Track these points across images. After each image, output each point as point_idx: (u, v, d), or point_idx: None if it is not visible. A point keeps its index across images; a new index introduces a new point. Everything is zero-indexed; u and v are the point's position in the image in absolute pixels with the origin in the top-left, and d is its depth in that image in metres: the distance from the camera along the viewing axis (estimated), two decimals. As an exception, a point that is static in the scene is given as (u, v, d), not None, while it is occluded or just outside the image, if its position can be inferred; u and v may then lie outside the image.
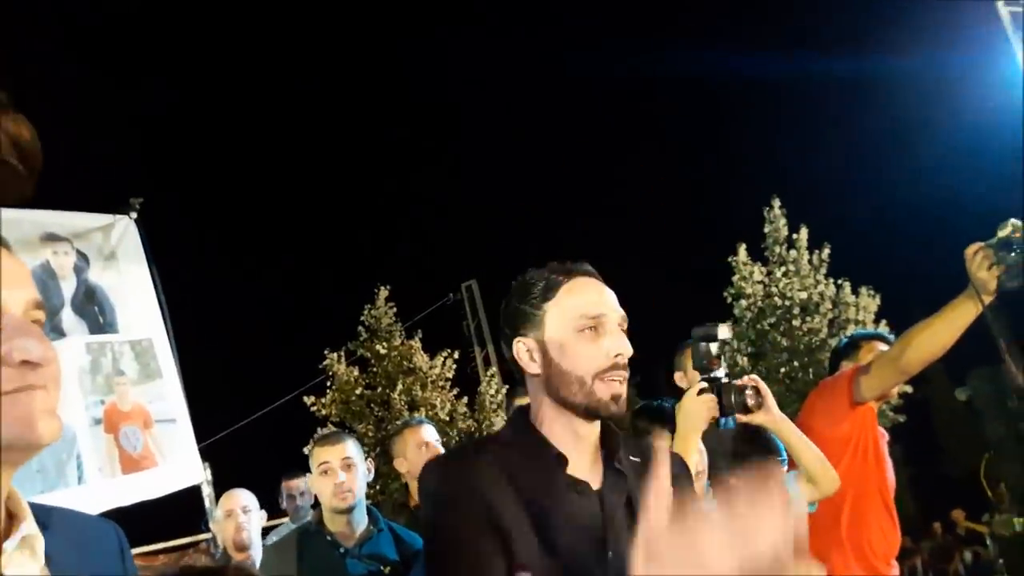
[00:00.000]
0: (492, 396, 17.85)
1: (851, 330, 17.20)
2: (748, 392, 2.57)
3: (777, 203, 17.71)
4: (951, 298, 2.99)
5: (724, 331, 2.68)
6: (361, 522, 3.32)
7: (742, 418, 2.61)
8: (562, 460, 1.65)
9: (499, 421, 17.45)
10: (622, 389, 1.66)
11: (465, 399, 17.74)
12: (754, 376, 2.68)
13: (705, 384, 2.57)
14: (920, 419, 22.85)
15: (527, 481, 1.62)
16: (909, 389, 17.58)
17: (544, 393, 1.70)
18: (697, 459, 2.54)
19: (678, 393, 3.06)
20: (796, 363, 17.32)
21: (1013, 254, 2.71)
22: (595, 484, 1.66)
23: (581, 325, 1.66)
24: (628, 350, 1.67)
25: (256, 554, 3.86)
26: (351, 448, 3.40)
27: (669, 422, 2.66)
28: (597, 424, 1.69)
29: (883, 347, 3.44)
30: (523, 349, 1.72)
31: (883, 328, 17.22)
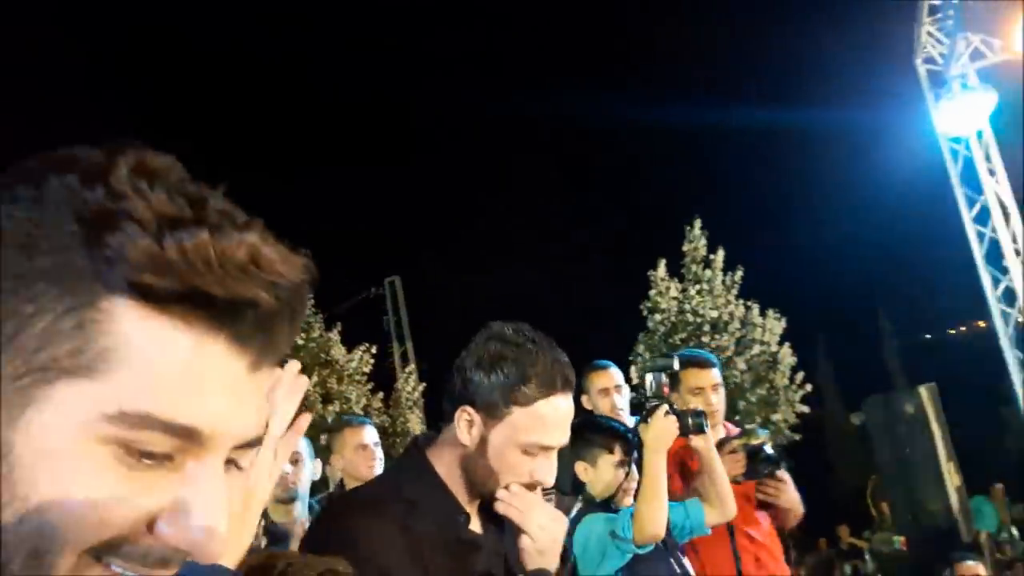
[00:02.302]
0: (409, 393, 17.95)
1: (756, 349, 17.95)
2: (703, 418, 2.95)
3: (698, 223, 18.31)
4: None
5: (677, 363, 3.11)
6: (302, 515, 3.52)
7: (692, 439, 2.98)
8: (467, 518, 1.74)
9: (414, 418, 17.57)
10: None
11: (381, 394, 17.80)
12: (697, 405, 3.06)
13: (666, 407, 2.90)
14: (814, 439, 23.86)
15: (432, 546, 1.67)
16: (806, 410, 18.42)
17: (459, 459, 1.74)
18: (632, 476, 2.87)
19: (583, 413, 3.47)
20: (702, 378, 17.91)
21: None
22: (484, 531, 1.78)
23: (529, 448, 1.68)
24: (550, 481, 1.71)
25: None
26: (300, 443, 3.56)
27: (618, 439, 2.94)
28: None
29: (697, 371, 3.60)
30: (465, 420, 1.72)
31: (785, 349, 18.01)
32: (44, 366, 0.52)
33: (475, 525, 1.76)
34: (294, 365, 1.25)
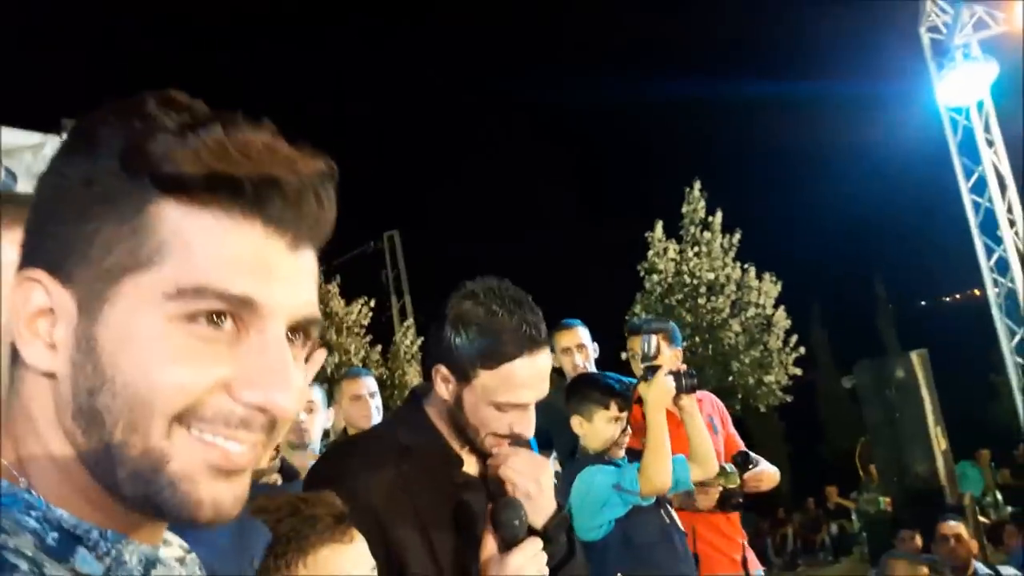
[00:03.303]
0: (407, 347, 18.07)
1: (751, 312, 18.09)
2: (695, 378, 3.12)
3: (698, 185, 18.32)
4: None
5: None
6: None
7: (682, 398, 3.16)
8: (459, 462, 1.79)
9: (412, 371, 17.73)
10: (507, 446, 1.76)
11: (379, 347, 17.91)
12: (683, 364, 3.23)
13: (665, 367, 3.09)
14: (805, 401, 24.12)
15: (424, 488, 1.72)
16: (799, 372, 18.62)
17: (446, 410, 1.78)
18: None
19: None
20: (697, 339, 18.06)
21: None
22: (480, 473, 1.82)
23: (501, 406, 1.70)
24: (529, 433, 1.74)
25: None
26: (315, 392, 3.72)
27: (614, 396, 3.08)
28: None
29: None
30: (440, 378, 1.75)
31: (780, 312, 18.15)
32: (110, 269, 0.63)
33: (470, 469, 1.81)
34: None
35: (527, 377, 1.69)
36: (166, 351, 0.62)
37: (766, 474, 3.65)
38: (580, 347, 3.98)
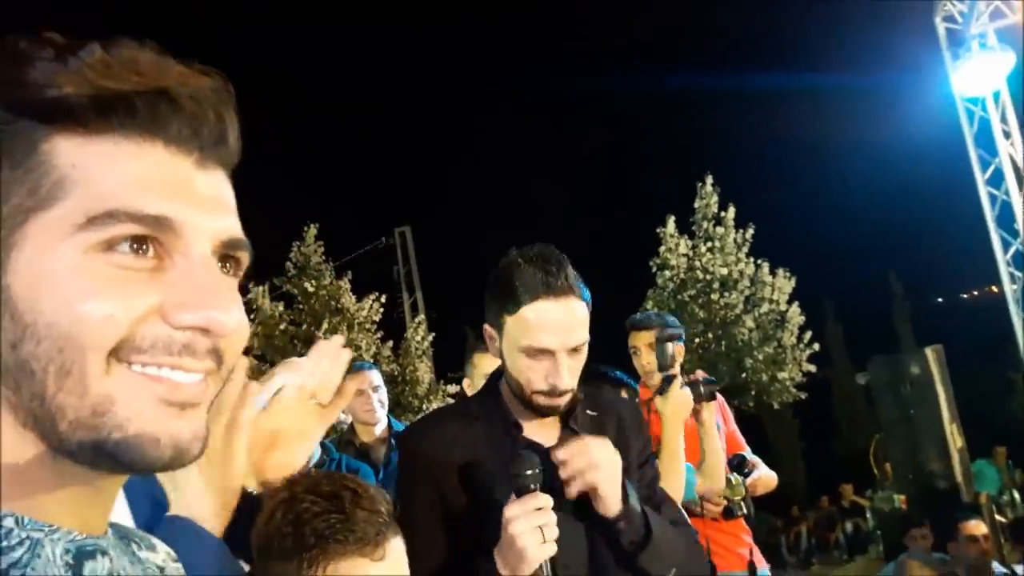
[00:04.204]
0: (418, 343, 18.06)
1: (764, 308, 17.96)
2: (715, 386, 3.05)
3: (710, 180, 18.20)
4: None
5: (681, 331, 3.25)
6: (316, 453, 3.60)
7: (702, 406, 3.09)
8: (517, 426, 1.84)
9: (423, 367, 17.71)
10: (560, 402, 1.79)
11: (391, 343, 17.91)
12: (701, 372, 3.15)
13: (680, 378, 3.01)
14: (820, 398, 23.98)
15: (484, 451, 1.80)
16: (813, 369, 18.48)
17: (505, 375, 1.87)
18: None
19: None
20: (710, 335, 17.98)
21: None
22: (551, 443, 1.83)
23: (527, 351, 1.76)
24: (563, 383, 1.76)
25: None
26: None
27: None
28: None
29: None
30: (488, 337, 1.88)
31: (794, 308, 18.02)
32: (11, 214, 0.58)
33: (535, 434, 1.84)
34: (338, 339, 1.34)
35: (543, 320, 1.73)
36: (87, 283, 0.58)
37: (762, 480, 3.59)
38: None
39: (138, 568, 0.70)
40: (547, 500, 1.62)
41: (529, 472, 1.62)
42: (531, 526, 1.59)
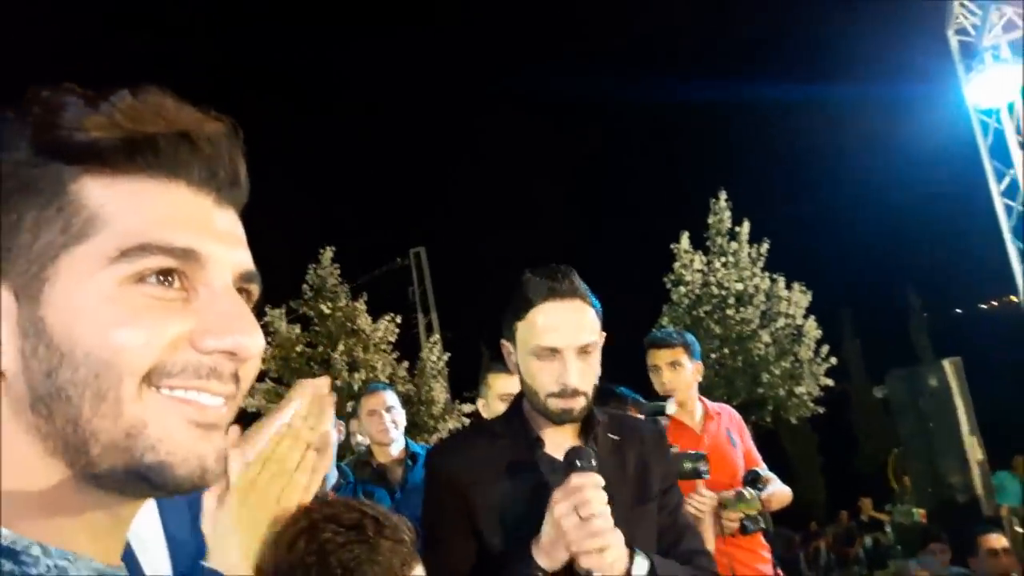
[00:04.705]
0: (433, 363, 18.07)
1: (780, 322, 17.89)
2: (703, 462, 3.04)
3: (723, 195, 18.20)
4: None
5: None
6: (331, 477, 3.64)
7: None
8: (539, 442, 1.90)
9: (438, 387, 17.73)
10: (573, 404, 1.83)
11: (406, 363, 17.94)
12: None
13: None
14: (838, 412, 23.80)
15: (508, 466, 1.87)
16: (830, 383, 18.37)
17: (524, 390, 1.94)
18: None
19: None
20: (726, 350, 17.90)
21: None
22: (560, 455, 1.85)
23: (537, 352, 1.84)
24: (575, 381, 1.82)
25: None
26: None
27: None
28: None
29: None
30: (505, 352, 1.96)
31: (810, 322, 17.94)
32: (43, 252, 0.62)
33: (556, 451, 1.85)
34: (324, 380, 1.36)
35: (550, 321, 1.82)
36: (121, 313, 0.61)
37: (776, 496, 3.59)
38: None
39: None
40: (592, 479, 1.65)
41: (579, 461, 1.67)
42: (570, 507, 1.62)
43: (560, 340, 1.82)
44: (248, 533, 1.16)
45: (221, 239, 0.67)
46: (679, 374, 3.68)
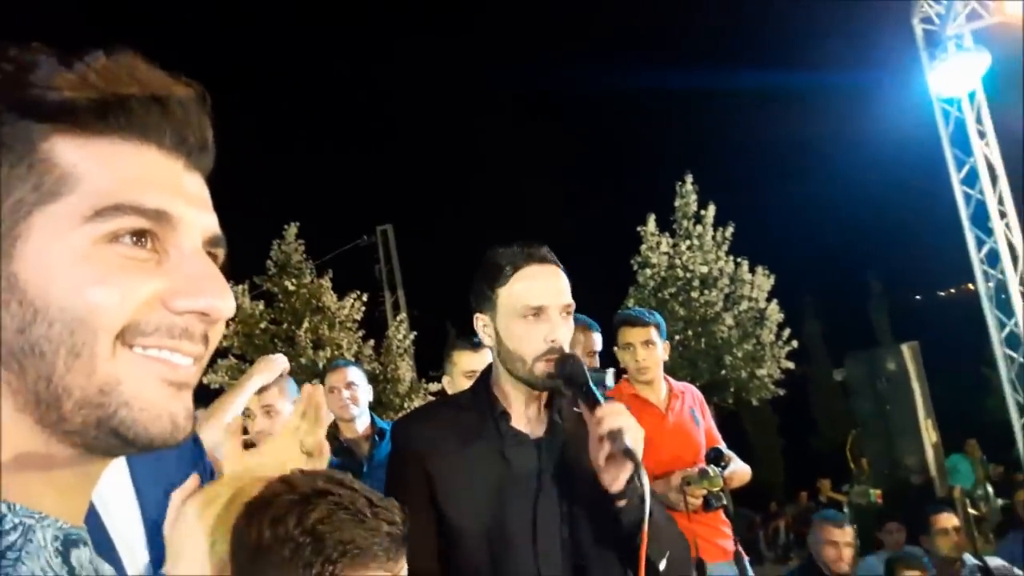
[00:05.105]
0: (400, 341, 18.01)
1: (744, 305, 18.08)
2: (603, 375, 3.14)
3: (690, 179, 18.30)
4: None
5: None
6: None
7: None
8: (505, 416, 1.92)
9: (404, 366, 17.69)
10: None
11: (372, 342, 17.85)
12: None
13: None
14: (799, 394, 24.17)
15: (472, 438, 1.89)
16: (791, 365, 18.63)
17: (498, 361, 1.96)
18: None
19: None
20: (690, 332, 18.07)
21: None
22: (537, 434, 1.92)
23: (524, 312, 1.86)
24: (563, 338, 1.87)
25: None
26: (280, 395, 3.68)
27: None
28: None
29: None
30: (480, 325, 1.96)
31: (773, 306, 18.16)
32: (15, 208, 0.62)
33: (522, 424, 1.92)
34: (281, 358, 1.36)
35: (533, 282, 1.87)
36: (96, 271, 0.62)
37: (737, 474, 3.67)
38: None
39: (103, 568, 0.73)
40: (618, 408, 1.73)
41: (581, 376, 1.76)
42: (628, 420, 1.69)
43: (547, 299, 1.86)
44: (224, 538, 1.13)
45: (191, 202, 0.68)
46: (652, 352, 3.73)
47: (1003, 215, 9.30)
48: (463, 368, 3.48)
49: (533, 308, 1.85)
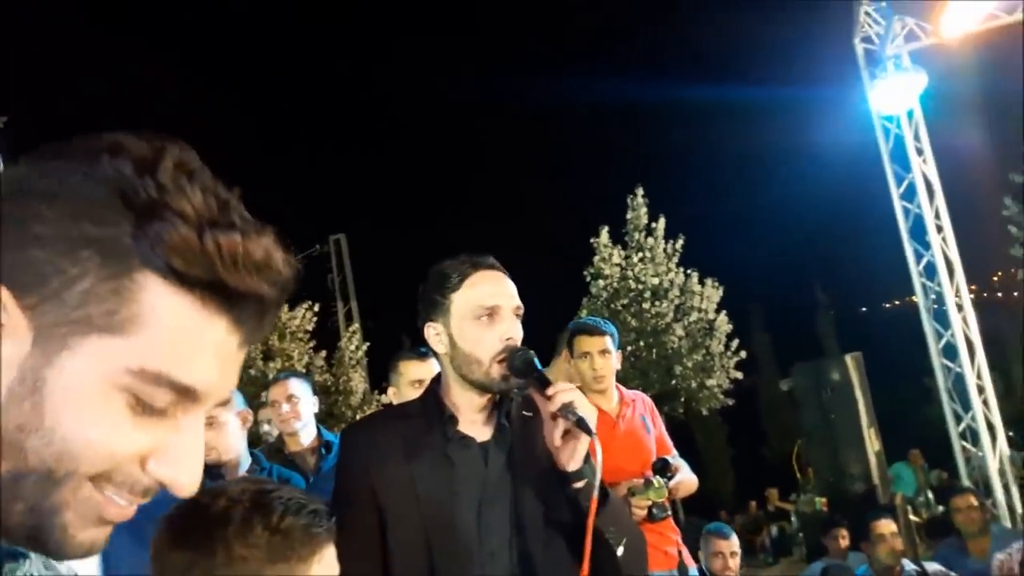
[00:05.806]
0: (352, 352, 17.91)
1: (693, 316, 18.32)
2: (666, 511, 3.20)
3: (640, 192, 18.51)
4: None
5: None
6: (246, 463, 3.62)
7: None
8: (453, 420, 1.94)
9: (357, 377, 17.58)
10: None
11: (324, 353, 17.73)
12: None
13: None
14: (747, 404, 24.47)
15: (418, 445, 1.91)
16: (740, 376, 18.91)
17: (450, 369, 1.97)
18: None
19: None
20: (642, 343, 18.23)
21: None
22: (484, 438, 1.95)
23: (478, 313, 1.90)
24: (518, 335, 1.92)
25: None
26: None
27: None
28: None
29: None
30: (432, 333, 1.98)
31: (722, 317, 18.43)
32: (81, 320, 0.61)
33: (469, 429, 1.94)
34: None
35: (486, 286, 1.93)
36: (108, 417, 0.63)
37: (684, 484, 3.71)
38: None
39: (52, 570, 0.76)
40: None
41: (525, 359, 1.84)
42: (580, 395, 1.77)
43: (500, 299, 1.92)
44: None
45: (224, 377, 0.68)
46: (608, 361, 3.78)
47: (940, 229, 9.60)
48: (409, 378, 3.51)
49: (487, 308, 1.90)
